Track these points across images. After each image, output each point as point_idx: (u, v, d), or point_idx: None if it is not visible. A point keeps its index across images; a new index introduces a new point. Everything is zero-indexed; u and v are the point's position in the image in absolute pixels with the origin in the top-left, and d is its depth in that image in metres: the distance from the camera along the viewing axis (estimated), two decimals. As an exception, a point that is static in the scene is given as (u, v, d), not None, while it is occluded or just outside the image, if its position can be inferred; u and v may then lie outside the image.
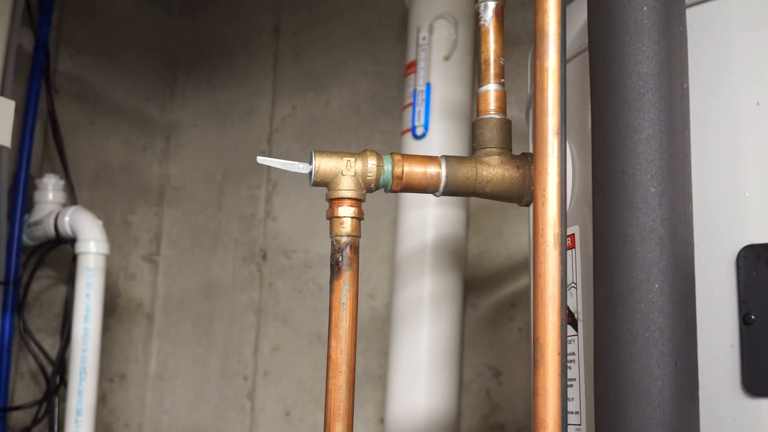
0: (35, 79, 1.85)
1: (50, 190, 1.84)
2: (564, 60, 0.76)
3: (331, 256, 0.91)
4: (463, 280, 1.63)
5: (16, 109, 1.46)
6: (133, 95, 2.24)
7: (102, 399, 2.07)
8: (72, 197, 1.90)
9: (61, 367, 1.80)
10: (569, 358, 0.86)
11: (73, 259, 1.78)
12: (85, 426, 1.70)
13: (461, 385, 1.71)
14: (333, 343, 0.89)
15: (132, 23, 2.26)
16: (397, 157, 0.92)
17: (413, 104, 1.62)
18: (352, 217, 0.90)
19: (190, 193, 2.29)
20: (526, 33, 1.77)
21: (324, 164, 0.90)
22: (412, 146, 1.59)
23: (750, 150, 0.75)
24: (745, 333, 0.72)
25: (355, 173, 0.91)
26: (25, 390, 1.88)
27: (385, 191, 0.94)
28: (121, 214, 2.17)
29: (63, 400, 1.78)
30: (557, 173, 0.75)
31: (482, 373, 1.75)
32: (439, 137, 1.59)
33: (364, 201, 0.92)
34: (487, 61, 0.95)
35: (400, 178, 0.92)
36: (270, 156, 2.14)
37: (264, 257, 2.13)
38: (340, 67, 2.08)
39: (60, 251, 1.90)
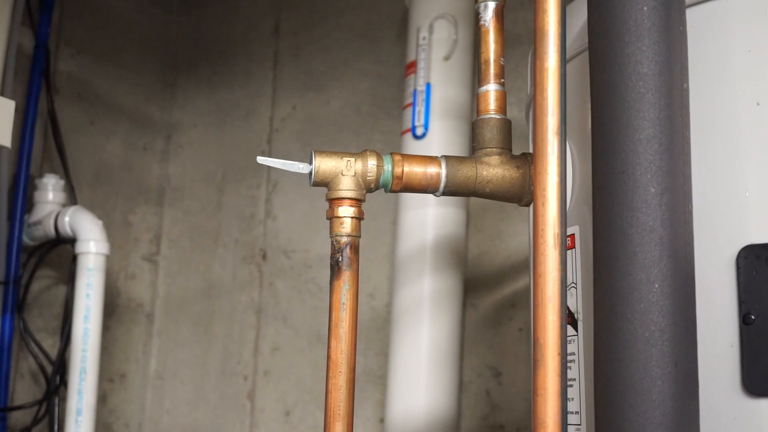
0: (35, 79, 1.85)
1: (50, 190, 1.84)
2: (564, 60, 0.76)
3: (331, 256, 0.91)
4: (463, 280, 1.63)
5: (16, 109, 1.46)
6: (133, 95, 2.24)
7: (102, 399, 2.06)
8: (72, 197, 1.90)
9: (61, 367, 1.80)
10: (569, 358, 0.86)
11: (73, 259, 1.78)
12: (85, 426, 1.70)
13: (461, 385, 1.71)
14: (333, 343, 0.89)
15: (132, 23, 2.26)
16: (397, 157, 0.92)
17: (413, 104, 1.62)
18: (352, 217, 0.90)
19: (190, 193, 2.29)
20: (526, 33, 1.77)
21: (324, 164, 0.90)
22: (412, 146, 1.59)
23: (750, 150, 0.75)
24: (745, 333, 0.72)
25: (355, 173, 0.91)
26: (25, 390, 1.88)
27: (385, 191, 0.94)
28: (121, 214, 2.17)
29: (63, 400, 1.78)
30: (557, 173, 0.75)
31: (482, 373, 1.75)
32: (439, 137, 1.59)
33: (364, 201, 0.92)
34: (487, 61, 0.95)
35: (400, 178, 0.92)
36: (270, 156, 2.14)
37: (264, 257, 2.13)
38: (340, 67, 2.08)
39: (60, 251, 1.90)
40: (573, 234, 0.89)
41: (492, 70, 0.95)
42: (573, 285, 0.88)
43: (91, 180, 2.09)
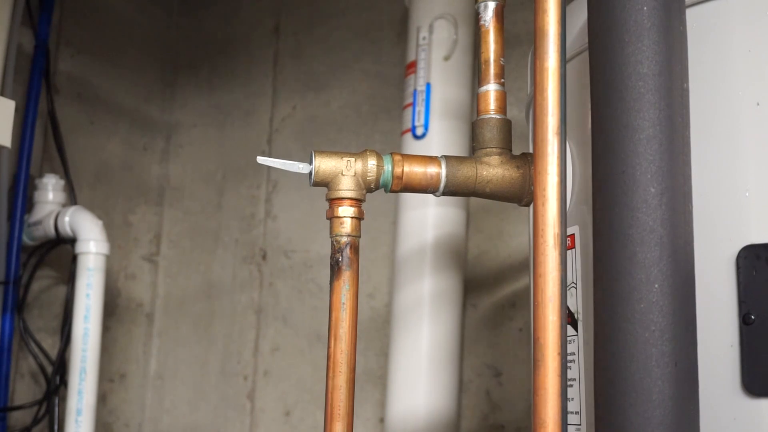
0: (35, 79, 1.85)
1: (50, 190, 1.84)
2: (564, 60, 0.76)
3: (331, 256, 0.91)
4: (463, 280, 1.63)
5: (16, 109, 1.46)
6: (133, 95, 2.24)
7: (102, 399, 2.06)
8: (72, 197, 1.90)
9: (61, 367, 1.80)
10: (569, 358, 0.86)
11: (73, 259, 1.78)
12: (85, 426, 1.70)
13: (461, 385, 1.71)
14: (333, 343, 0.89)
15: (132, 23, 2.26)
16: (397, 157, 0.92)
17: (413, 104, 1.62)
18: (352, 217, 0.90)
19: (190, 193, 2.29)
20: (526, 33, 1.77)
21: (324, 164, 0.90)
22: (412, 146, 1.59)
23: (750, 150, 0.76)
24: (745, 333, 0.72)
25: (355, 173, 0.91)
26: (25, 390, 1.88)
27: (385, 191, 0.94)
28: (121, 214, 2.17)
29: (63, 400, 1.78)
30: (557, 173, 0.75)
31: (482, 373, 1.75)
32: (439, 137, 1.59)
33: (364, 201, 0.92)
34: (487, 61, 0.95)
35: (400, 178, 0.92)
36: (270, 156, 2.14)
37: (264, 257, 2.13)
38: (340, 67, 2.08)
39: (60, 251, 1.89)
40: (573, 234, 0.89)
41: (492, 70, 0.95)
42: (573, 285, 0.88)
43: (91, 180, 2.09)
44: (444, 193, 0.94)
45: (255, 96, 2.22)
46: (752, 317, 0.72)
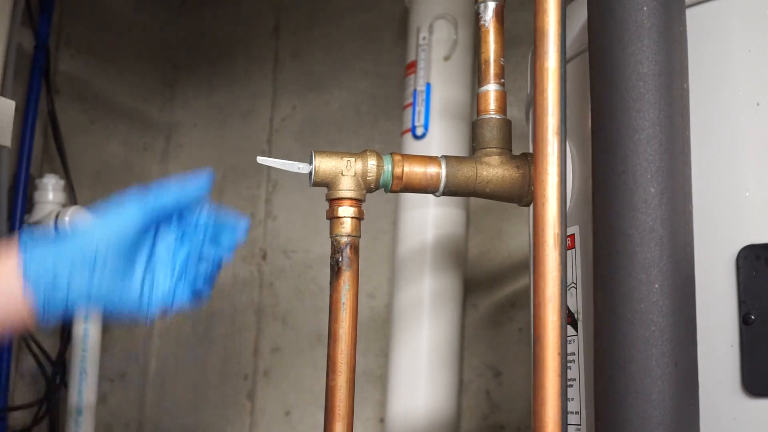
0: (35, 79, 1.85)
1: (50, 190, 1.83)
2: (564, 60, 0.76)
3: (331, 256, 0.91)
4: (463, 280, 1.63)
5: (16, 109, 1.45)
6: (133, 95, 2.24)
7: (102, 399, 2.06)
8: (72, 197, 1.90)
9: (61, 367, 1.80)
10: (569, 358, 0.86)
11: (73, 259, 1.77)
12: (85, 426, 1.70)
13: (461, 386, 1.71)
14: (333, 343, 0.89)
15: (132, 23, 2.26)
16: (397, 157, 0.92)
17: (413, 104, 1.62)
18: (352, 217, 0.90)
19: (190, 193, 2.28)
20: (526, 33, 1.77)
21: (324, 164, 0.90)
22: (412, 146, 1.59)
23: (750, 150, 0.76)
24: (745, 333, 0.72)
25: (355, 173, 0.91)
26: (25, 390, 1.88)
27: (385, 191, 0.94)
28: (121, 214, 2.17)
29: (63, 400, 1.78)
30: (557, 173, 0.75)
31: (482, 373, 1.75)
32: (439, 137, 1.59)
33: (364, 201, 0.92)
34: (487, 61, 0.95)
35: (400, 178, 0.92)
36: (270, 156, 2.14)
37: (264, 257, 2.13)
38: (340, 67, 2.08)
39: (60, 251, 1.89)
40: (573, 234, 0.89)
41: (492, 70, 0.95)
42: (573, 285, 0.88)
43: (91, 180, 2.09)
44: (444, 193, 0.94)
45: (255, 96, 2.22)
46: (752, 317, 0.72)
